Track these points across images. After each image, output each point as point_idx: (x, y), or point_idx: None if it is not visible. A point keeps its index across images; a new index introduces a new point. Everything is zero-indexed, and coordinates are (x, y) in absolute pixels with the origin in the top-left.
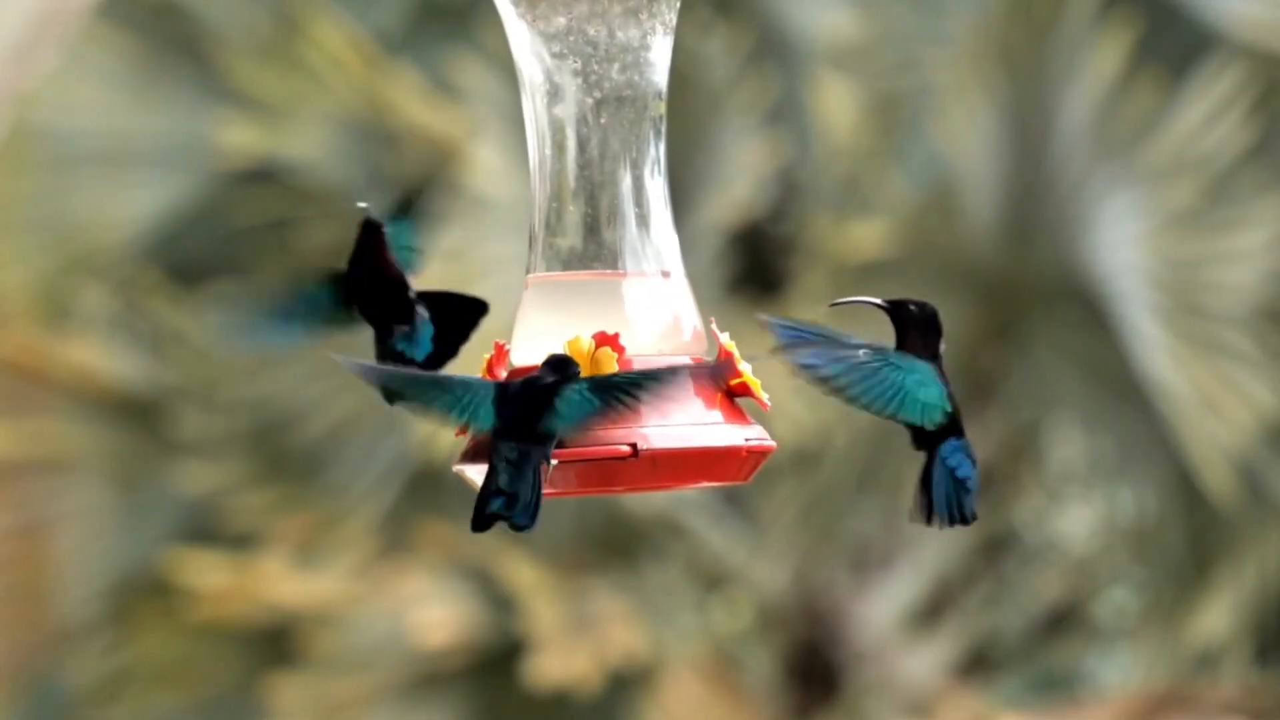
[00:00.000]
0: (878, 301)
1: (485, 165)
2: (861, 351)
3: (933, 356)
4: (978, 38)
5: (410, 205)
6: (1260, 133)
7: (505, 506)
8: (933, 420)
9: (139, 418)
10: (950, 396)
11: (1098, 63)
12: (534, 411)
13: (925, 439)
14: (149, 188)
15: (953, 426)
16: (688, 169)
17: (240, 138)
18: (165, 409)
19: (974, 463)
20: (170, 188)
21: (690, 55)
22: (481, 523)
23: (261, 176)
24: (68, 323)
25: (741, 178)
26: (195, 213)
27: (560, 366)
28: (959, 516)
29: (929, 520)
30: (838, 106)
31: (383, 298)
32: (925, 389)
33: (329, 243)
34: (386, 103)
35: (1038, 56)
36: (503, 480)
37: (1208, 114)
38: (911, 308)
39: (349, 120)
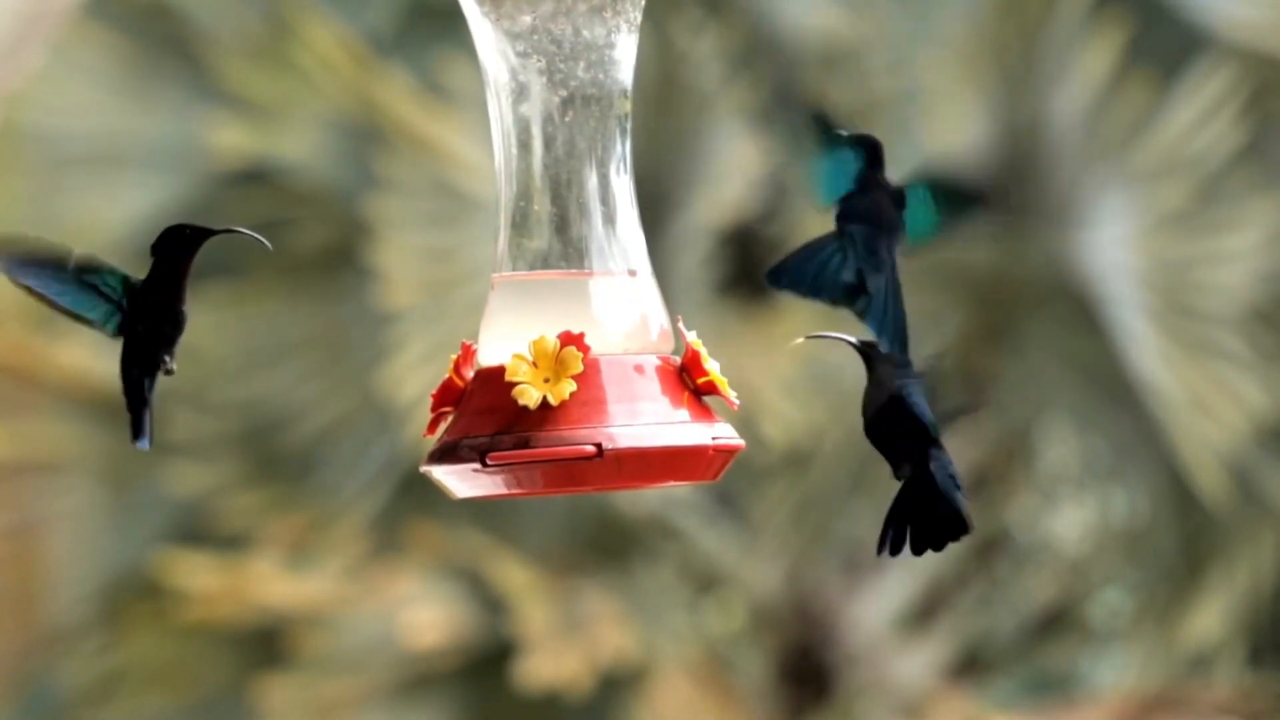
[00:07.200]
0: (852, 340)
1: (475, 166)
2: None
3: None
4: (968, 38)
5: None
6: (1252, 133)
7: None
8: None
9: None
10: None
11: (1088, 63)
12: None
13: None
14: (139, 189)
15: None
16: (678, 169)
17: (231, 139)
18: (156, 410)
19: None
20: (160, 189)
21: (680, 56)
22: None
23: (252, 178)
24: (59, 324)
25: (732, 178)
26: (186, 214)
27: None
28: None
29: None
30: (829, 107)
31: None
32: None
33: (320, 243)
34: (377, 104)
35: (1028, 57)
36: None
37: (1199, 115)
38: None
39: (340, 121)
